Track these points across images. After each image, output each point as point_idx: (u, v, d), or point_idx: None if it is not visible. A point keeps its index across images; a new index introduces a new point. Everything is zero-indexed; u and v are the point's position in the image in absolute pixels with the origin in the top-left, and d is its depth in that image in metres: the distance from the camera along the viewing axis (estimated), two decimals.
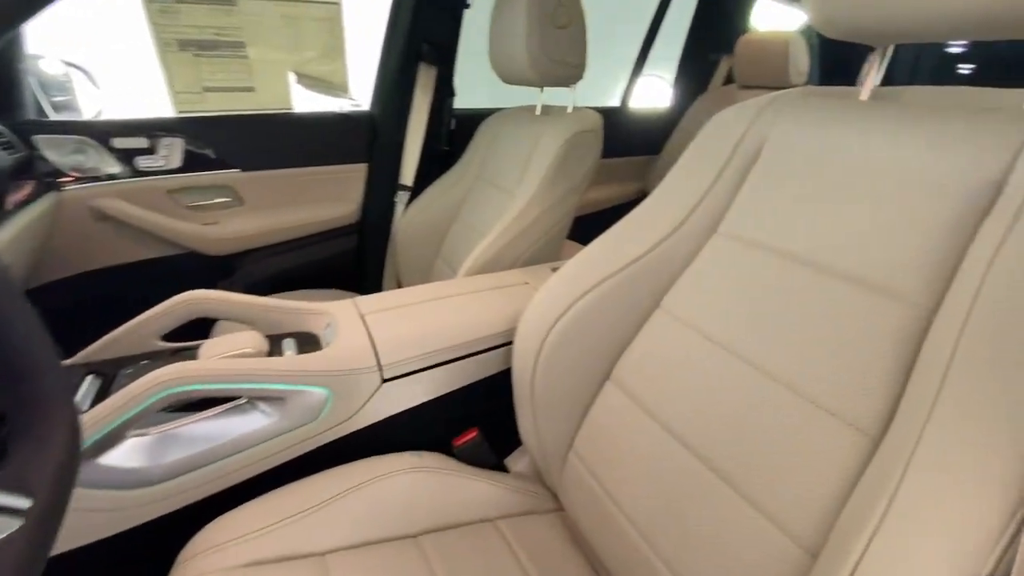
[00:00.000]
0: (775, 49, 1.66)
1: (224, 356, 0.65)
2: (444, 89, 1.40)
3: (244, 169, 1.25)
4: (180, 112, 1.19)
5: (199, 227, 1.23)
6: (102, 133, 1.10)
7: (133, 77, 1.24)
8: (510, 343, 0.77)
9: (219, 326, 1.05)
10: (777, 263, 0.54)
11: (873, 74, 0.56)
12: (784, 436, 0.47)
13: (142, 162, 1.14)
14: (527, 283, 0.93)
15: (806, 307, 0.50)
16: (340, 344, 0.71)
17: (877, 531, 0.34)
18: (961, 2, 0.41)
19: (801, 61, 1.67)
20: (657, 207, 0.67)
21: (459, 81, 1.42)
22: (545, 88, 1.12)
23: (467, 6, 1.33)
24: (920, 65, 2.49)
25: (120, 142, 1.11)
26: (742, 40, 1.76)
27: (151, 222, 1.16)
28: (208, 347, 0.67)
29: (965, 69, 2.51)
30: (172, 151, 1.17)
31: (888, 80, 0.56)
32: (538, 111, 1.17)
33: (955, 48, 2.52)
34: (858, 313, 0.46)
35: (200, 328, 0.79)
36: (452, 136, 1.47)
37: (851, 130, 0.53)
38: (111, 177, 1.11)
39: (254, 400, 0.65)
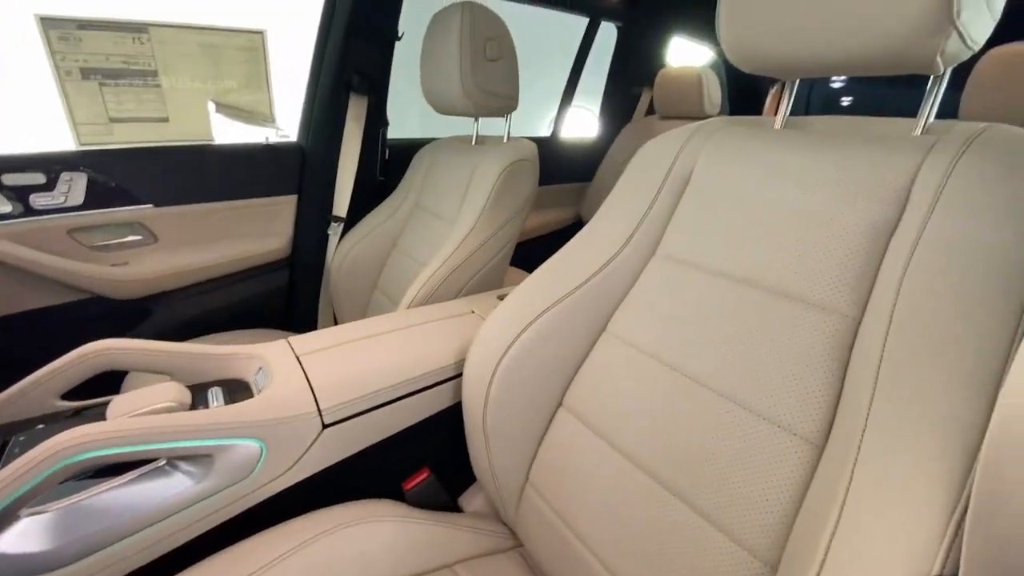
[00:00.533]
0: (690, 83, 1.79)
1: (136, 413, 0.58)
2: (377, 119, 1.38)
3: (158, 204, 1.16)
4: (84, 145, 1.09)
5: (106, 268, 1.12)
6: None
7: (31, 108, 1.13)
8: (459, 376, 0.75)
9: (130, 379, 0.95)
10: (713, 281, 0.57)
11: (784, 104, 0.61)
12: (734, 450, 0.48)
13: (38, 200, 1.03)
14: (473, 312, 0.91)
15: (744, 323, 0.52)
16: (274, 390, 0.66)
17: (832, 540, 0.35)
18: (854, 44, 0.47)
19: (714, 94, 1.82)
20: (597, 233, 0.69)
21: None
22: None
23: (398, 38, 1.33)
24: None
25: (11, 178, 1.00)
26: (660, 75, 1.90)
27: (48, 266, 1.04)
28: (118, 404, 0.60)
29: (845, 101, 2.95)
30: (73, 187, 1.06)
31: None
32: (474, 141, 1.18)
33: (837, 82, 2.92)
34: (793, 326, 0.49)
35: (109, 383, 0.70)
36: (386, 166, 1.45)
37: (769, 157, 0.57)
38: (1, 217, 1.00)
39: (175, 461, 0.58)
